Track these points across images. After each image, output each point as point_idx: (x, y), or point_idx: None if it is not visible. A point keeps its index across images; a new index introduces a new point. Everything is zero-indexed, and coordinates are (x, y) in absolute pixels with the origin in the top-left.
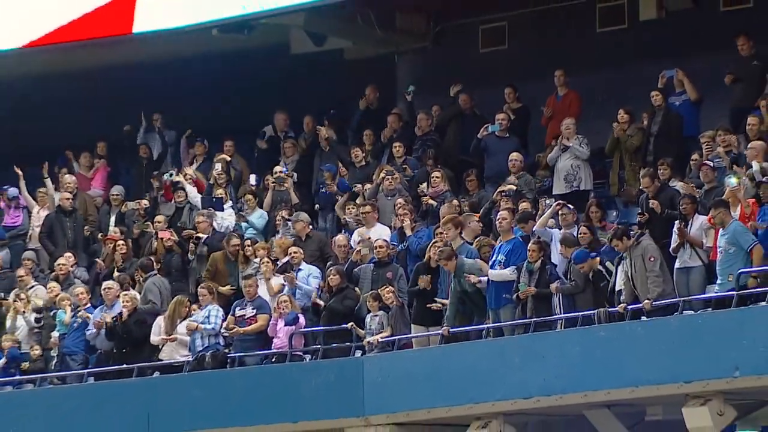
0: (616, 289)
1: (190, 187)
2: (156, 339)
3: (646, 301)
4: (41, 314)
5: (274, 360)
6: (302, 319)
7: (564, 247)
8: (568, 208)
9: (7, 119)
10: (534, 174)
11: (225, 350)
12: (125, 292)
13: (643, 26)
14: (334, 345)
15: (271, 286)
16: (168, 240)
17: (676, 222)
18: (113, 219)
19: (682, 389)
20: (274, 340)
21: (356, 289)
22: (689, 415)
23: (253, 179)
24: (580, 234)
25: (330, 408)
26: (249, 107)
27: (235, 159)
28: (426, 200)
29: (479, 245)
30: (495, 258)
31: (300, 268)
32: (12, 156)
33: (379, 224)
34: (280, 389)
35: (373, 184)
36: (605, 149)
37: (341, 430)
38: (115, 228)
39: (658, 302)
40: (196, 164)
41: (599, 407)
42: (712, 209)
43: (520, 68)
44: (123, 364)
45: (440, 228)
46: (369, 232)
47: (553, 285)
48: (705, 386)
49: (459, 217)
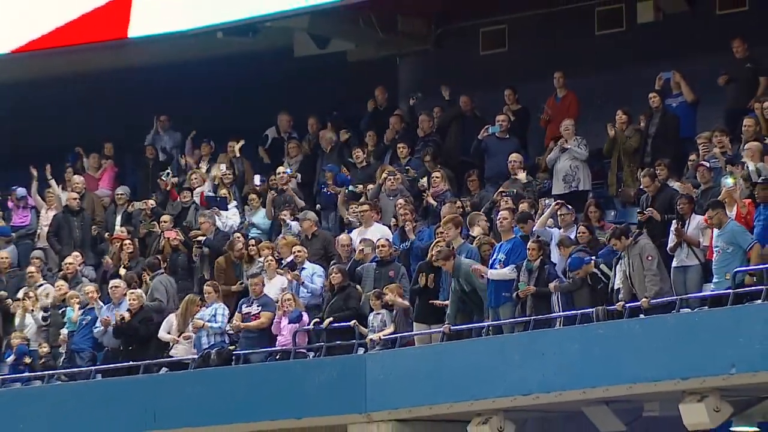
0: (616, 287)
1: (206, 185)
2: (167, 337)
3: (644, 300)
4: (48, 312)
5: (278, 357)
6: (306, 317)
7: (563, 248)
8: (567, 209)
9: (15, 120)
10: (534, 176)
11: (230, 348)
12: (132, 291)
13: (641, 29)
14: (338, 342)
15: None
16: (174, 239)
17: (674, 222)
18: (119, 218)
19: (679, 386)
20: (278, 338)
21: (358, 287)
22: (686, 412)
23: (258, 179)
24: (579, 233)
25: (333, 404)
26: (253, 109)
27: (240, 159)
28: (427, 198)
29: (479, 244)
30: (495, 257)
31: (304, 267)
32: (20, 157)
33: (377, 224)
34: (284, 386)
35: (375, 185)
36: (603, 150)
37: (344, 427)
38: (122, 228)
39: (656, 300)
40: (202, 164)
41: (597, 404)
42: (710, 210)
43: (520, 70)
44: (130, 361)
45: (441, 228)
46: (367, 232)
47: (552, 284)
48: (701, 383)
49: (459, 217)
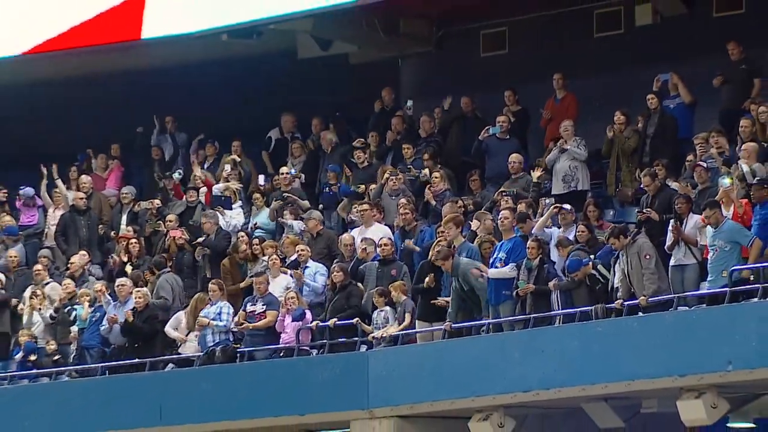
0: (616, 285)
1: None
2: (174, 333)
3: (642, 298)
4: (57, 311)
5: (282, 354)
6: (309, 315)
7: (561, 248)
8: (565, 209)
9: (22, 121)
10: (538, 176)
11: (234, 345)
12: (137, 289)
13: (639, 31)
14: (340, 340)
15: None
16: (179, 238)
17: (671, 221)
18: (125, 218)
19: (677, 383)
20: (282, 336)
21: (359, 285)
22: (684, 408)
23: (262, 179)
24: (579, 232)
25: (336, 401)
26: (257, 109)
27: (244, 159)
28: (428, 197)
29: (480, 242)
30: (496, 255)
31: (307, 266)
32: (29, 157)
33: (377, 223)
34: (288, 383)
35: (377, 185)
36: (602, 150)
37: (347, 423)
38: (128, 227)
39: (654, 298)
40: (207, 164)
41: (597, 400)
42: (708, 209)
43: (520, 72)
44: (136, 359)
45: (441, 227)
46: (367, 231)
47: (551, 282)
48: (699, 380)
49: (460, 216)
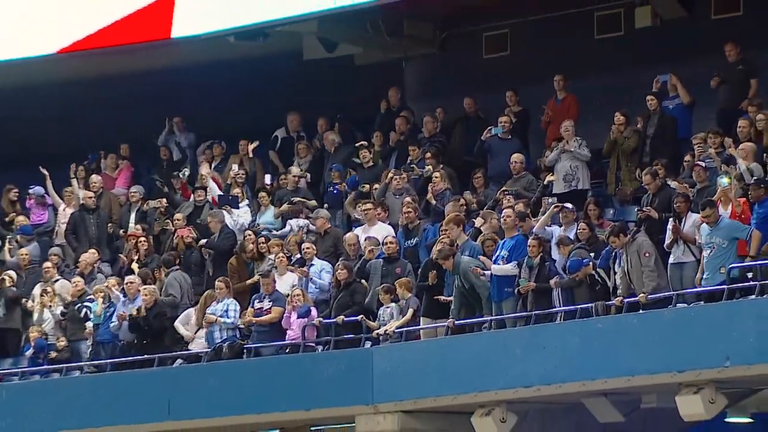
0: (614, 285)
1: (213, 184)
2: (183, 330)
3: (642, 295)
4: (67, 308)
5: (288, 351)
6: (314, 312)
7: (562, 247)
8: (567, 208)
9: (33, 122)
10: (538, 176)
11: (241, 341)
12: (144, 287)
13: (639, 33)
14: (345, 336)
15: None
16: (187, 237)
17: (670, 219)
18: (133, 216)
19: (676, 378)
20: (288, 332)
21: (363, 283)
22: (682, 403)
23: (268, 179)
24: (580, 229)
25: (341, 396)
26: (264, 110)
27: (251, 159)
28: (428, 197)
29: (483, 240)
30: (498, 253)
31: (312, 263)
32: (39, 157)
33: (381, 222)
34: (294, 378)
35: (381, 184)
36: (603, 150)
37: (351, 418)
38: (137, 225)
39: (653, 296)
40: (214, 163)
41: (597, 395)
42: (707, 208)
43: (522, 73)
44: (145, 355)
45: (443, 227)
46: (371, 230)
47: (553, 280)
48: (697, 375)
49: (460, 215)
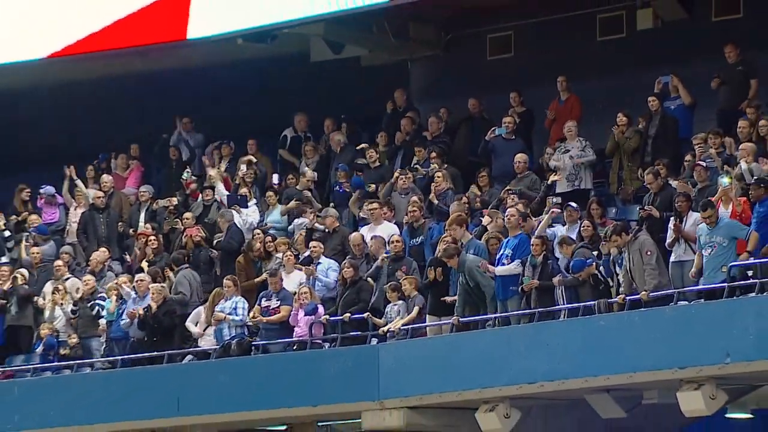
0: (616, 284)
1: (220, 185)
2: (194, 328)
3: (643, 293)
4: (78, 306)
5: (296, 348)
6: (321, 309)
7: (565, 246)
8: (571, 207)
9: (44, 123)
10: (542, 176)
11: (250, 338)
12: (153, 285)
13: (641, 35)
14: (352, 333)
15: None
16: (196, 236)
17: (672, 218)
18: (143, 215)
19: (677, 375)
20: (296, 329)
21: (369, 280)
22: (683, 399)
23: (276, 178)
24: (583, 227)
25: (347, 392)
26: (271, 111)
27: (260, 159)
28: (431, 196)
29: (487, 239)
30: (502, 252)
31: (319, 262)
32: (49, 158)
33: (386, 222)
34: (301, 375)
35: (387, 184)
36: (605, 150)
37: (358, 414)
38: (147, 224)
39: (655, 293)
40: (224, 164)
41: (599, 391)
42: (709, 209)
43: (525, 74)
44: (155, 352)
45: (447, 228)
46: (377, 229)
47: (556, 278)
48: (698, 372)
49: (462, 215)
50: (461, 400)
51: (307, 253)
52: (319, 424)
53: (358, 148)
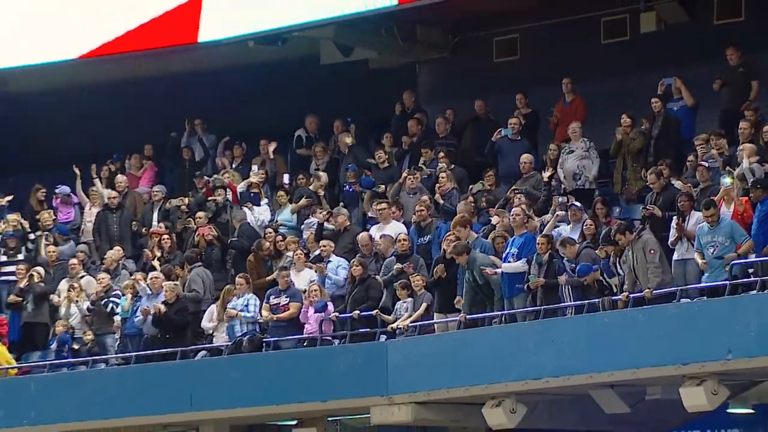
0: (620, 282)
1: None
2: (210, 326)
3: (647, 290)
4: (94, 303)
5: (306, 344)
6: (331, 307)
7: (568, 246)
8: (576, 206)
9: (59, 124)
10: (549, 176)
11: (261, 335)
12: (166, 282)
13: (644, 38)
14: (361, 330)
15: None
16: (208, 235)
17: (674, 218)
18: (156, 215)
19: (680, 371)
20: (306, 326)
21: (377, 278)
22: (686, 395)
23: (287, 178)
24: (586, 226)
25: (357, 388)
26: (282, 113)
27: (273, 160)
28: (436, 197)
29: (493, 237)
30: (508, 251)
31: (329, 260)
32: (65, 158)
33: (395, 221)
34: (311, 371)
35: (396, 183)
36: (610, 151)
37: (367, 409)
38: (160, 223)
39: (658, 291)
40: (235, 164)
41: (603, 387)
42: (711, 208)
43: (531, 76)
44: (168, 348)
45: (452, 230)
46: (386, 228)
47: (562, 277)
48: (700, 368)
49: (466, 216)
50: (468, 396)
51: (318, 252)
52: (329, 419)
53: (361, 147)
